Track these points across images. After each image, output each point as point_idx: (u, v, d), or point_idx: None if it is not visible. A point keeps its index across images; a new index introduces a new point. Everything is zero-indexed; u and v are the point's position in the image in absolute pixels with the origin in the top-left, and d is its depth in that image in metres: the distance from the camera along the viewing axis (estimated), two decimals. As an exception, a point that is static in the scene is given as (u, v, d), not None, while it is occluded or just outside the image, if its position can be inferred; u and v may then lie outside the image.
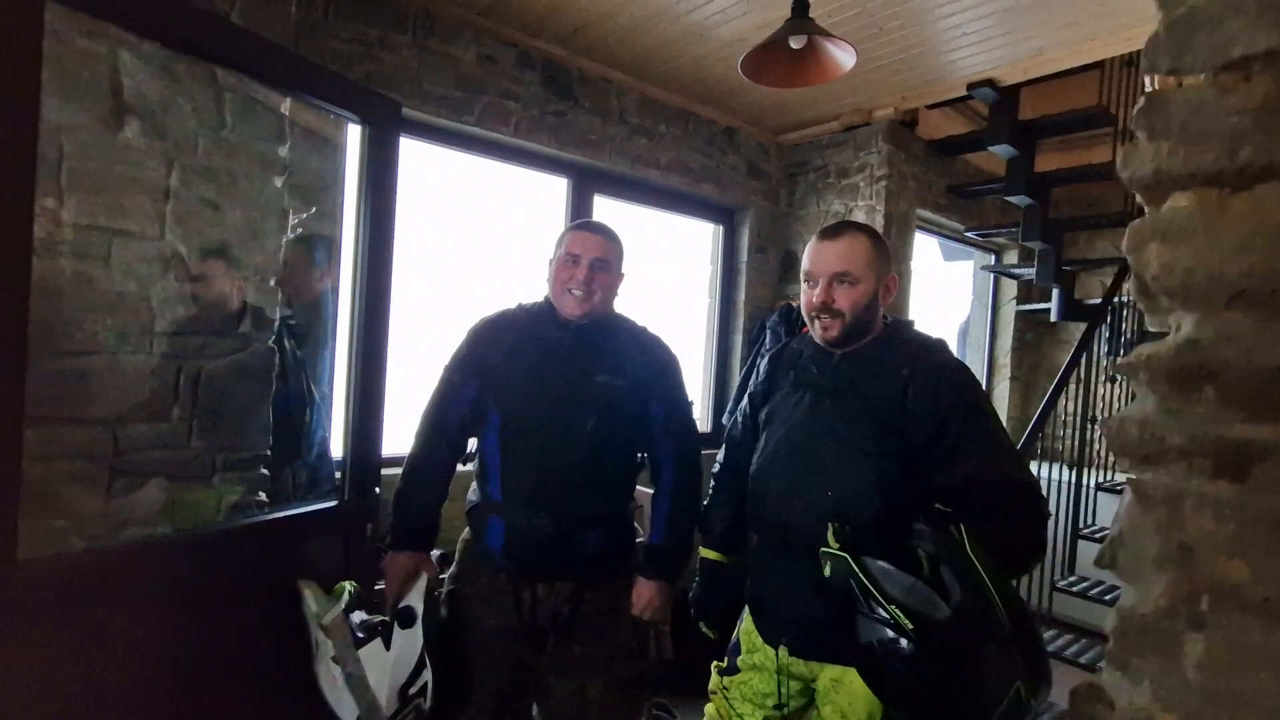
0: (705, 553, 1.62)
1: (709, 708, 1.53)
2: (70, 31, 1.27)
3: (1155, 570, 0.55)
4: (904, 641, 1.04)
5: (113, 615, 1.19)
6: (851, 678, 1.30)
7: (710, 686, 1.53)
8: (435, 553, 1.72)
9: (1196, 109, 0.54)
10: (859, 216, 3.43)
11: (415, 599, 1.48)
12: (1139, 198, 0.59)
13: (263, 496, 1.63)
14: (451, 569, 1.63)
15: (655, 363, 1.63)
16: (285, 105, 1.61)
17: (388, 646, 1.43)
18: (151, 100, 1.43)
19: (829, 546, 1.17)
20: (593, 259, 1.53)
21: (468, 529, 1.62)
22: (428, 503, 1.57)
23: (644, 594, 1.59)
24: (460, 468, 1.65)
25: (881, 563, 1.10)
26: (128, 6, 1.15)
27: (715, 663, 1.55)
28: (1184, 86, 0.55)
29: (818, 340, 1.40)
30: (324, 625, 1.40)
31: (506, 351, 1.55)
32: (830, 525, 1.20)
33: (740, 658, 1.47)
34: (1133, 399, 0.60)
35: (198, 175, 1.49)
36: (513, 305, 1.66)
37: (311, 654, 1.43)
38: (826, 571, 1.17)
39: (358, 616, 1.46)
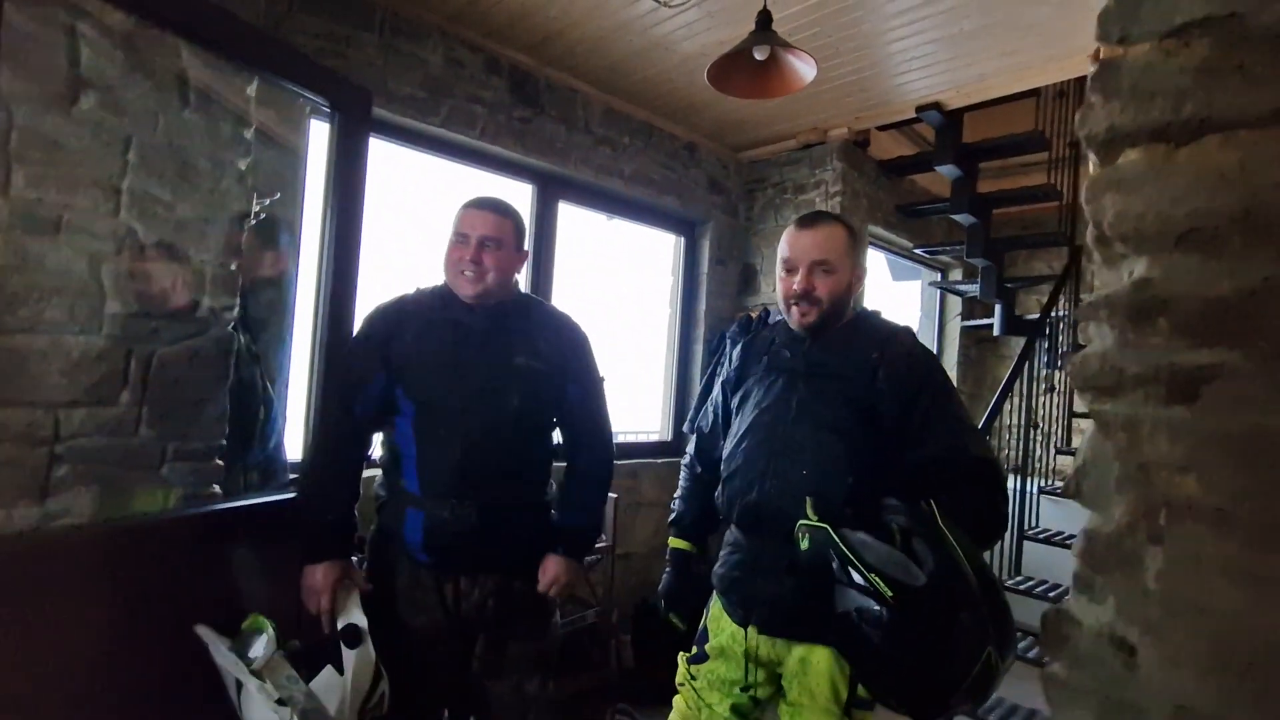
0: (675, 543, 1.63)
1: (677, 699, 1.53)
2: (26, -3, 1.23)
3: (1116, 492, 0.59)
4: (881, 610, 1.07)
5: (50, 603, 1.12)
6: (818, 657, 1.33)
7: (678, 679, 1.53)
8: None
9: (1144, 71, 0.59)
10: (815, 231, 3.55)
11: (355, 613, 1.39)
12: (1093, 159, 0.65)
13: (216, 489, 1.56)
14: (364, 569, 1.54)
15: (569, 342, 1.60)
16: (251, 88, 1.58)
17: (341, 671, 1.34)
18: (110, 75, 1.39)
19: (808, 519, 1.21)
20: (481, 236, 1.46)
21: (374, 526, 1.54)
22: (340, 506, 1.47)
23: (551, 569, 1.53)
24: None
25: (860, 534, 1.14)
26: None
27: (682, 653, 1.54)
28: (1132, 52, 0.60)
29: (795, 326, 1.44)
30: (255, 671, 1.27)
31: (413, 338, 1.48)
32: (809, 499, 1.23)
33: (708, 644, 1.48)
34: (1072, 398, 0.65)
35: (157, 154, 1.45)
36: (410, 290, 1.59)
37: (233, 704, 1.30)
38: (804, 544, 1.19)
39: (266, 649, 1.31)
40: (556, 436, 1.67)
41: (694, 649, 1.52)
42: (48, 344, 1.32)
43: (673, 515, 1.67)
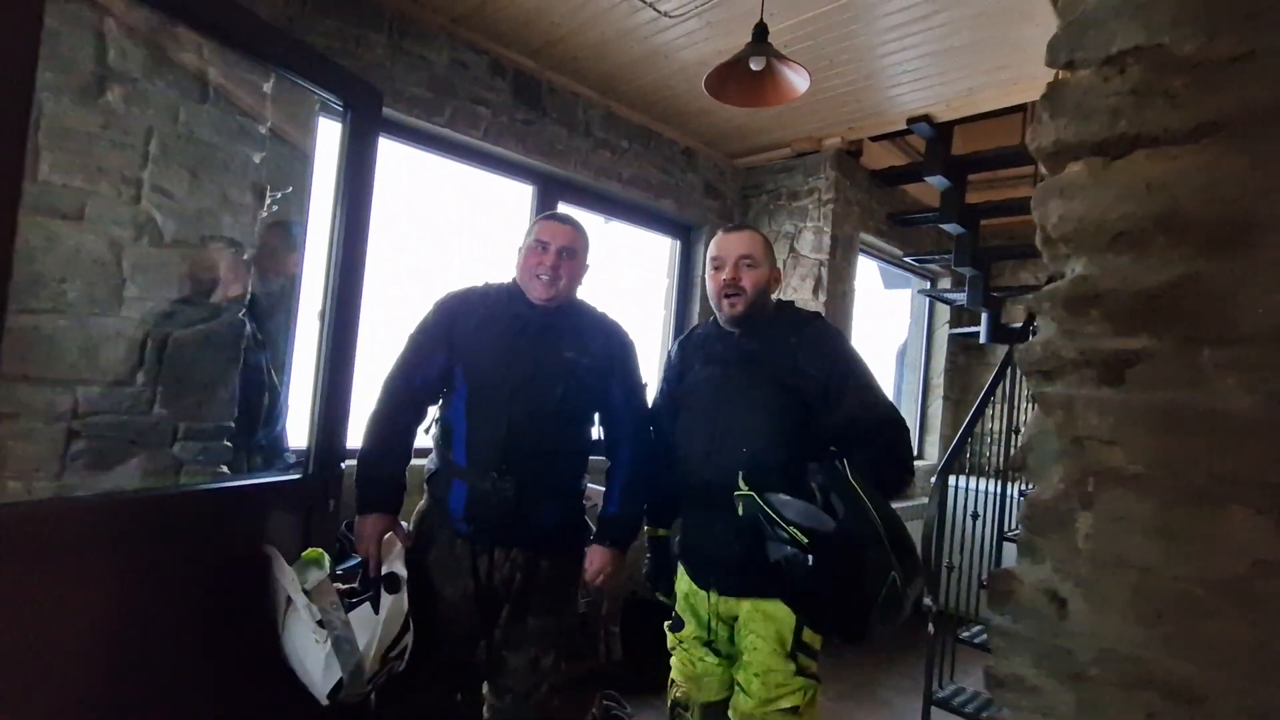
0: (649, 531, 1.80)
1: (674, 660, 1.69)
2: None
3: (1054, 463, 0.66)
4: (802, 555, 1.27)
5: (75, 564, 1.18)
6: (765, 608, 1.51)
7: (669, 645, 1.70)
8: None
9: (1085, 93, 0.67)
10: (808, 237, 3.63)
11: (397, 564, 1.50)
12: (1043, 169, 0.73)
13: (224, 470, 1.62)
14: (409, 532, 1.65)
15: (617, 345, 1.73)
16: (267, 85, 1.65)
17: (376, 610, 1.44)
18: (134, 70, 1.45)
19: (740, 489, 1.39)
20: (560, 246, 1.62)
21: (424, 499, 1.66)
22: (394, 465, 1.60)
23: (597, 560, 1.66)
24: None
25: (780, 495, 1.34)
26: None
27: (666, 623, 1.71)
28: (1076, 75, 0.68)
29: (725, 316, 1.62)
30: (307, 590, 1.40)
31: (476, 325, 1.61)
32: (740, 473, 1.42)
33: (678, 607, 1.67)
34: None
35: (177, 145, 1.51)
36: (478, 284, 1.73)
37: (276, 619, 1.42)
38: (740, 511, 1.38)
39: (318, 575, 1.46)
40: (596, 433, 1.79)
41: (672, 617, 1.69)
42: (68, 325, 1.38)
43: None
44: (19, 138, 1.07)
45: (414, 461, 1.66)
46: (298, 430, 1.83)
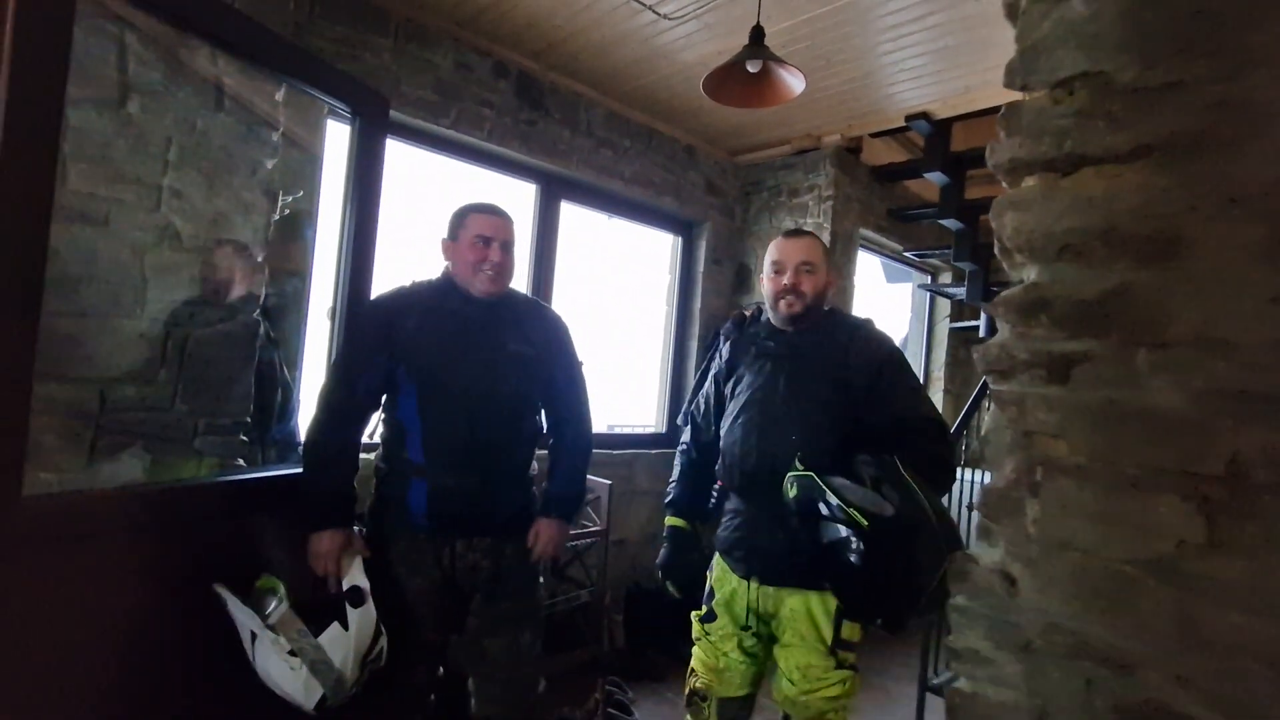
0: (672, 521, 1.84)
1: (696, 650, 1.74)
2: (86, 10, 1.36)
3: (1007, 454, 0.73)
4: (856, 539, 1.30)
5: (102, 552, 1.26)
6: (808, 604, 1.56)
7: (694, 635, 1.75)
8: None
9: (1038, 114, 0.73)
10: (807, 233, 3.68)
11: (359, 576, 1.52)
12: (1003, 183, 0.78)
13: (241, 462, 1.70)
14: (364, 534, 1.66)
15: (554, 332, 1.80)
16: (279, 93, 1.72)
17: (346, 627, 1.47)
18: (154, 81, 1.52)
19: (796, 469, 1.44)
20: (503, 241, 1.65)
21: (375, 496, 1.68)
22: (343, 478, 1.60)
23: (544, 532, 1.72)
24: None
25: (839, 478, 1.38)
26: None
27: (695, 612, 1.76)
28: (1030, 98, 0.74)
29: (782, 316, 1.69)
30: (271, 625, 1.42)
31: (415, 324, 1.62)
32: (796, 455, 1.47)
33: (714, 601, 1.70)
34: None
35: (195, 152, 1.58)
36: (406, 283, 1.74)
37: (246, 652, 1.44)
38: (793, 492, 1.42)
39: (278, 606, 1.47)
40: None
41: (704, 609, 1.74)
42: (96, 326, 1.46)
43: (669, 497, 1.88)
44: (51, 151, 1.14)
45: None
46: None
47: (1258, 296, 0.59)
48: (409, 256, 2.87)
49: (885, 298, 5.31)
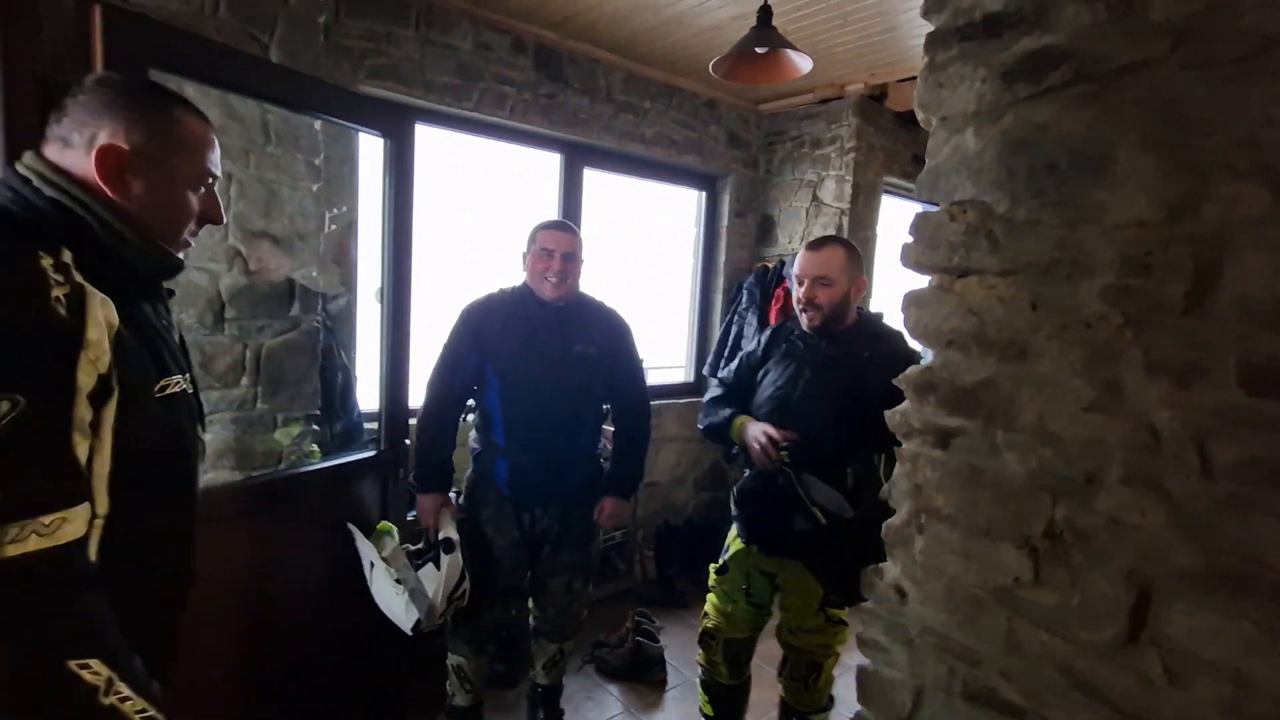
0: (739, 420, 1.89)
1: (710, 596, 2.04)
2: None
3: (904, 500, 0.93)
4: (819, 532, 1.56)
5: (267, 522, 1.66)
6: (804, 574, 1.80)
7: (710, 583, 2.04)
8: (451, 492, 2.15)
9: (938, 227, 0.88)
10: (829, 186, 3.71)
11: (450, 530, 1.90)
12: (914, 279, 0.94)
13: (315, 447, 2.01)
14: (462, 501, 2.08)
15: (617, 332, 2.06)
16: (318, 124, 1.90)
17: (439, 568, 1.85)
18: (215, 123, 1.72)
19: (785, 463, 1.67)
20: (564, 252, 1.91)
21: (472, 470, 2.05)
22: (444, 452, 1.98)
23: (607, 507, 2.06)
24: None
25: (813, 478, 1.61)
26: (212, 71, 1.45)
27: (712, 565, 2.04)
28: (934, 212, 0.89)
29: (805, 327, 1.83)
30: (385, 557, 1.82)
31: (499, 328, 1.94)
32: (784, 449, 1.67)
33: (728, 557, 1.98)
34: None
35: (251, 185, 1.80)
36: (495, 290, 2.05)
37: (366, 578, 1.84)
38: (779, 480, 1.66)
39: (391, 544, 1.88)
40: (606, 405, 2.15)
41: (720, 561, 2.01)
42: (189, 344, 1.74)
43: (715, 420, 1.94)
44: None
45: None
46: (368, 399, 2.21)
47: (1076, 403, 0.76)
48: (448, 236, 3.08)
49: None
